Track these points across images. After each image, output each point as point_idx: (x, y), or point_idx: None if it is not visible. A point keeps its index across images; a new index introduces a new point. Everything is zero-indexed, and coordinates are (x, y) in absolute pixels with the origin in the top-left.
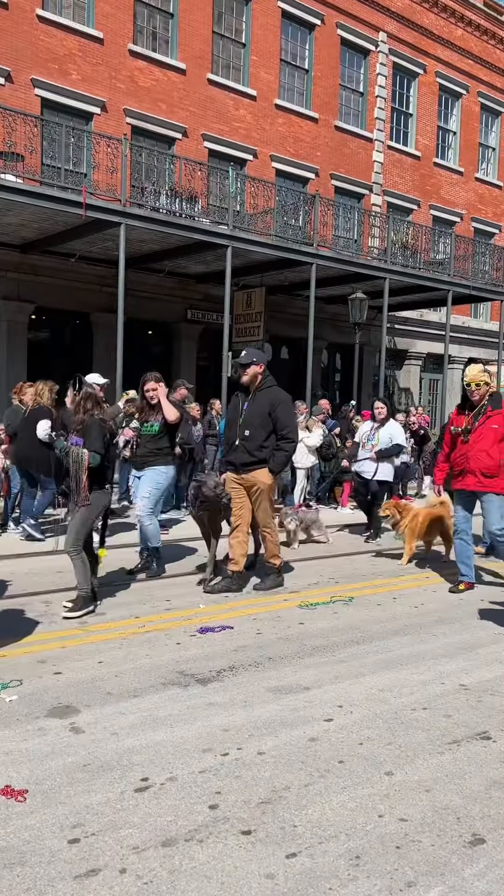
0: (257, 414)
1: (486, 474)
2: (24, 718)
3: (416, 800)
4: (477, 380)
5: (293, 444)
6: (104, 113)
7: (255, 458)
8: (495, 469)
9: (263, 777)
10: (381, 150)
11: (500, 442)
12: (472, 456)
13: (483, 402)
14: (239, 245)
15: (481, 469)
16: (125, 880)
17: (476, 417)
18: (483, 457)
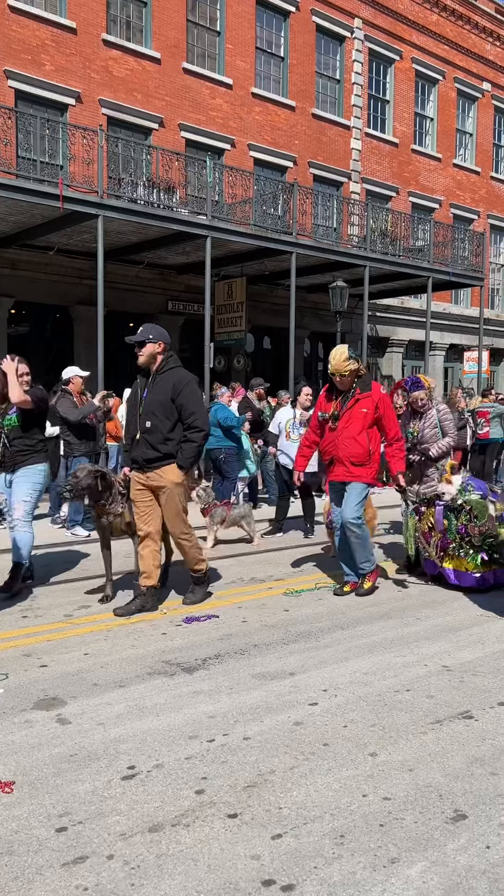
0: (158, 401)
1: (355, 462)
2: (11, 711)
3: (400, 779)
4: (342, 369)
5: (202, 434)
6: (79, 104)
7: (160, 453)
8: (364, 457)
9: (249, 761)
10: (359, 137)
11: (370, 428)
12: (340, 443)
13: (352, 386)
14: (218, 235)
15: (349, 457)
16: (113, 866)
17: (344, 402)
18: (351, 444)
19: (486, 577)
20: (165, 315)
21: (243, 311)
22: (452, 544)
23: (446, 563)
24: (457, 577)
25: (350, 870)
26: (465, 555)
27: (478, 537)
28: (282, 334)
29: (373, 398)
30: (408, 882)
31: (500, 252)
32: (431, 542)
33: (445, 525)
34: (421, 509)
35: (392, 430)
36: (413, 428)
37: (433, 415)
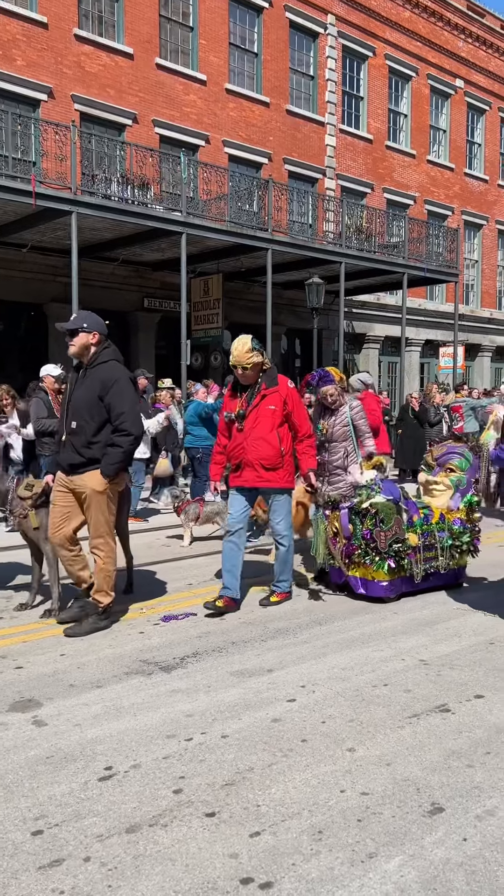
0: (86, 399)
1: (266, 466)
2: None
3: (377, 773)
4: (244, 361)
5: (131, 438)
6: (51, 99)
7: (83, 458)
8: (276, 459)
9: (227, 759)
10: (334, 133)
11: (281, 426)
12: (248, 445)
13: (257, 381)
14: (193, 232)
15: (260, 460)
16: (89, 868)
17: (250, 399)
18: (261, 445)
19: (395, 585)
20: (141, 312)
21: (220, 308)
22: (358, 551)
23: (352, 571)
24: (363, 587)
25: (328, 865)
26: (371, 562)
27: (384, 543)
28: (258, 331)
29: (280, 393)
30: (385, 876)
31: (474, 248)
32: (337, 549)
33: (351, 530)
34: (326, 513)
35: (303, 426)
36: (323, 425)
37: (345, 412)
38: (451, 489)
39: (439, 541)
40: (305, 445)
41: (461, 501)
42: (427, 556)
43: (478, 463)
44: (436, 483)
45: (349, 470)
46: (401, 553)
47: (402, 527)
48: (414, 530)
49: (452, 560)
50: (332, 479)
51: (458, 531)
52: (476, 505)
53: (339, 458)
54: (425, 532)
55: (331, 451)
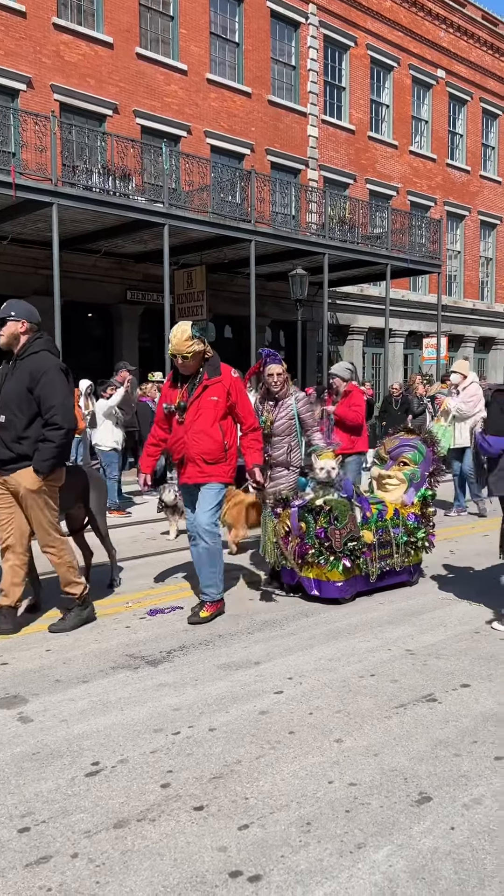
0: (15, 392)
1: (208, 460)
2: None
3: (365, 764)
4: (184, 350)
5: (62, 432)
6: (30, 89)
7: (14, 454)
8: (219, 453)
9: (215, 753)
10: (316, 124)
11: (224, 419)
12: (189, 439)
13: (198, 371)
14: (176, 223)
15: (202, 454)
16: (77, 864)
17: (191, 390)
18: (202, 439)
19: (350, 585)
20: (125, 304)
21: (203, 299)
22: (311, 550)
23: (306, 572)
24: (317, 588)
25: (317, 857)
26: (326, 562)
27: (339, 542)
28: (243, 323)
29: (224, 383)
30: (374, 867)
31: (457, 239)
32: (289, 548)
33: (303, 528)
34: (277, 510)
35: (248, 418)
36: (266, 417)
37: (290, 404)
38: (405, 483)
39: (394, 537)
40: (251, 439)
41: (415, 496)
42: (382, 554)
43: (431, 456)
44: (389, 477)
45: (315, 464)
46: (356, 552)
47: (356, 524)
48: (369, 527)
49: (408, 557)
50: (273, 476)
51: (412, 527)
52: (430, 499)
53: (282, 454)
54: (380, 529)
55: (273, 445)
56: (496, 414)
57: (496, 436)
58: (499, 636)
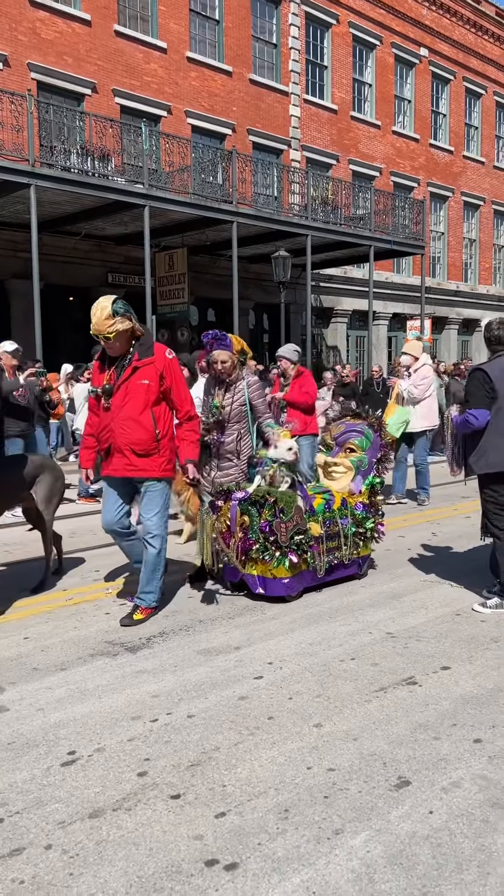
0: None
1: (138, 452)
2: None
3: (344, 749)
4: (105, 330)
5: None
6: (6, 68)
7: None
8: (149, 443)
9: (193, 740)
10: (298, 103)
11: (157, 405)
12: (117, 427)
13: (128, 352)
14: (156, 204)
15: (130, 445)
16: (51, 856)
17: (119, 372)
18: (131, 427)
19: (297, 581)
20: (106, 287)
21: (185, 282)
22: (256, 545)
23: (249, 569)
24: (262, 585)
25: (294, 844)
26: (271, 558)
27: (285, 536)
28: (225, 306)
29: (156, 366)
30: (351, 853)
31: (440, 220)
32: (231, 544)
33: (246, 522)
34: (218, 504)
35: (183, 405)
36: (219, 402)
37: (242, 388)
38: (352, 471)
39: (342, 529)
40: (186, 429)
41: (363, 484)
42: (330, 547)
43: (379, 441)
44: (335, 465)
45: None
46: (303, 545)
47: (303, 516)
48: (316, 519)
49: (356, 549)
50: (221, 465)
51: (361, 517)
52: (379, 487)
53: (232, 442)
54: (328, 520)
55: (223, 432)
56: (476, 389)
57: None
58: (479, 618)
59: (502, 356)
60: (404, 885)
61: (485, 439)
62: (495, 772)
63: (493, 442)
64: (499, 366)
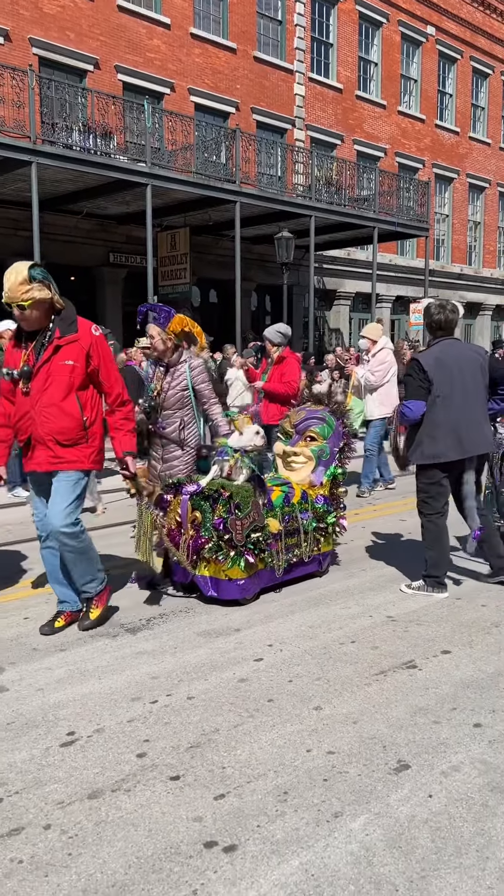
0: None
1: (62, 442)
2: None
3: (344, 732)
4: (19, 297)
5: None
6: (7, 42)
7: None
8: (75, 432)
9: (192, 721)
10: (303, 82)
11: (84, 388)
12: (37, 415)
13: (47, 327)
14: (159, 183)
15: (53, 434)
16: (49, 836)
17: (39, 352)
18: (54, 415)
19: (252, 582)
20: (107, 267)
21: (188, 262)
22: (209, 544)
23: (201, 570)
24: (215, 587)
25: (293, 826)
26: (225, 558)
27: (241, 534)
28: (228, 287)
29: (81, 343)
30: (350, 836)
31: (445, 202)
32: (181, 543)
33: (198, 518)
34: (166, 498)
35: (114, 388)
36: (156, 386)
37: (183, 372)
38: (313, 461)
39: (302, 524)
40: (119, 417)
41: (324, 475)
42: (289, 544)
43: (342, 429)
44: (295, 454)
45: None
46: (261, 544)
47: (261, 511)
48: (274, 514)
49: (317, 545)
50: (165, 457)
51: (321, 510)
52: (341, 478)
53: (174, 431)
54: (287, 515)
55: (164, 419)
56: (411, 379)
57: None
58: (480, 602)
59: (440, 343)
60: (403, 868)
61: (421, 430)
62: (495, 756)
63: (429, 433)
64: (433, 354)
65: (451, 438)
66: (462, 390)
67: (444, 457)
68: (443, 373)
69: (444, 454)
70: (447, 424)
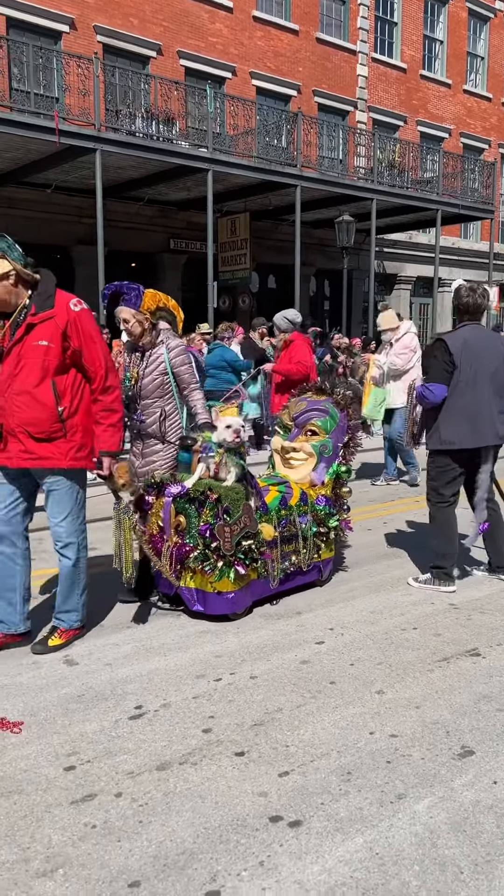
0: None
1: (35, 435)
2: (18, 653)
3: (407, 716)
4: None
5: None
6: (73, 31)
7: None
8: (50, 424)
9: (256, 700)
10: (366, 62)
11: (63, 373)
12: (8, 403)
13: (21, 305)
14: (219, 168)
15: (24, 426)
16: (121, 803)
17: (13, 331)
18: (25, 403)
19: (244, 595)
20: (167, 254)
21: (247, 248)
22: (195, 553)
23: (186, 581)
24: (201, 601)
25: (357, 805)
26: (212, 569)
27: (229, 542)
28: (287, 272)
29: (56, 321)
30: (414, 817)
31: None
32: (164, 550)
33: (182, 524)
34: (148, 499)
35: (97, 372)
36: (131, 371)
37: (160, 355)
38: (314, 458)
39: (301, 529)
40: (99, 408)
41: (326, 473)
42: (286, 551)
43: (346, 422)
44: (294, 450)
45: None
46: (252, 553)
47: (253, 517)
48: (269, 518)
49: (317, 552)
50: (145, 451)
51: (323, 513)
52: (345, 476)
53: (154, 423)
54: (283, 519)
55: (143, 410)
56: (435, 361)
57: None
58: None
59: (468, 326)
60: (468, 851)
61: (440, 415)
62: None
63: (446, 418)
64: (461, 337)
65: (469, 426)
66: (484, 378)
67: (458, 444)
68: (469, 358)
69: (459, 441)
70: (466, 411)
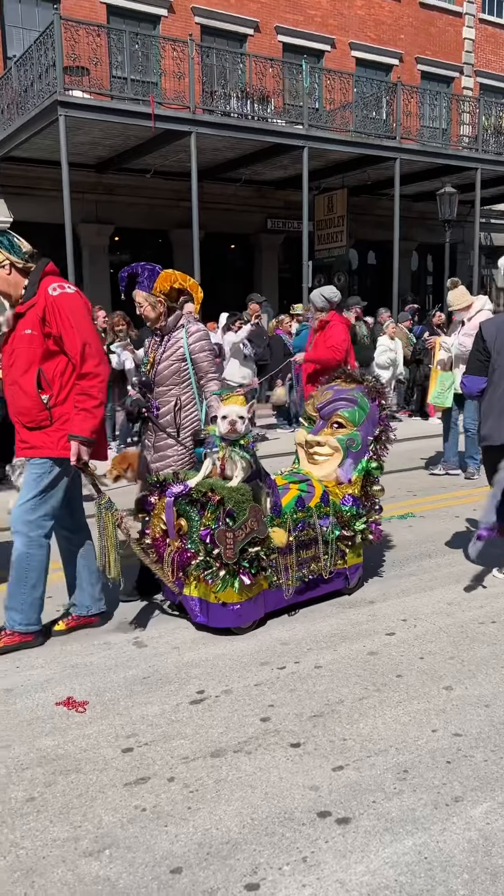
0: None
1: (26, 424)
2: (91, 634)
3: (474, 715)
4: None
5: None
6: (171, 14)
7: None
8: (36, 413)
9: (318, 690)
10: (472, 24)
11: (49, 360)
12: (6, 395)
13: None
14: (315, 145)
15: (18, 416)
16: (172, 788)
17: (15, 321)
18: (16, 393)
19: (252, 606)
20: (265, 234)
21: (344, 225)
22: (197, 559)
23: (189, 590)
24: (204, 612)
25: (410, 806)
26: (214, 578)
27: (232, 550)
28: (387, 248)
29: (37, 308)
30: (469, 822)
31: None
32: (166, 556)
33: (184, 527)
34: (151, 500)
35: (74, 357)
36: (149, 357)
37: (178, 339)
38: (340, 453)
39: (321, 533)
40: (78, 390)
41: (354, 470)
42: (303, 557)
43: (377, 414)
44: (318, 444)
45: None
46: (260, 560)
47: (262, 520)
48: (282, 522)
49: (342, 559)
50: (157, 444)
51: (348, 514)
52: (376, 473)
53: (168, 412)
54: (300, 522)
55: (158, 397)
56: (472, 351)
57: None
58: None
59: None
60: None
61: (482, 407)
62: None
63: (484, 411)
64: (495, 324)
65: (500, 420)
66: None
67: (489, 439)
68: (502, 346)
69: (488, 436)
70: (499, 404)
